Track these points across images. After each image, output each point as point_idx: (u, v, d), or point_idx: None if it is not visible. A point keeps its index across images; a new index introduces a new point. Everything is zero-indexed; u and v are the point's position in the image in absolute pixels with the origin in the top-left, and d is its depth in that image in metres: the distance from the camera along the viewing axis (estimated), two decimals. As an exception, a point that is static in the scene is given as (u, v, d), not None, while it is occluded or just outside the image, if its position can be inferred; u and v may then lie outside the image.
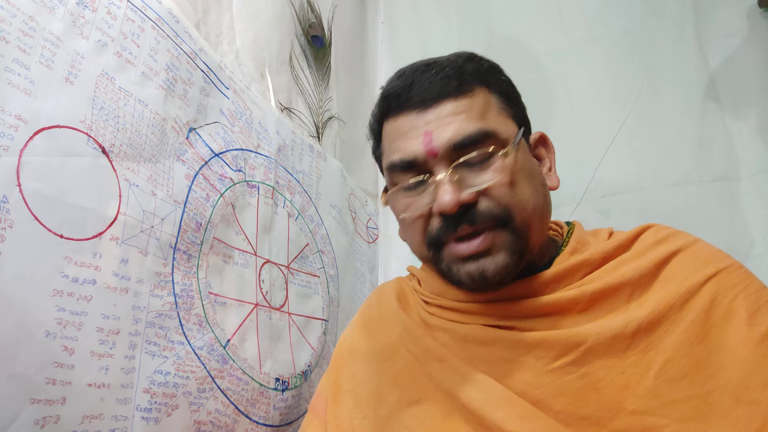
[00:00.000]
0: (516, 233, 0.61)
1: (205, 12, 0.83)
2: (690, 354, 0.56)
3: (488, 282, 0.60)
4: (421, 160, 0.62)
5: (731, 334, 0.56)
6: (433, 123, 0.62)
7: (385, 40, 1.53)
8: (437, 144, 0.61)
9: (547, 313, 0.62)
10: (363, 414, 0.67)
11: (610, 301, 0.61)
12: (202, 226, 0.72)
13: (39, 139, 0.52)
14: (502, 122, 0.64)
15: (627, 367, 0.57)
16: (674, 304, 0.59)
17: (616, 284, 0.61)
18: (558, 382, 0.58)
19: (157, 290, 0.63)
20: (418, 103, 0.64)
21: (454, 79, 0.65)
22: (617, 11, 1.24)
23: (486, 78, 0.67)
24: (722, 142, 1.10)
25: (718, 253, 0.63)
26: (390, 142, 0.67)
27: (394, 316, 0.73)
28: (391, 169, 0.66)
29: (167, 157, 0.68)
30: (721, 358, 0.55)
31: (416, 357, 0.67)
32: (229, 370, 0.72)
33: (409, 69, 0.69)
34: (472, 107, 0.63)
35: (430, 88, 0.64)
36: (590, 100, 1.22)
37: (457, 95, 0.63)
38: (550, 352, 0.59)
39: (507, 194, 0.61)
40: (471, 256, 0.60)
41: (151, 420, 0.60)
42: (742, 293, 0.58)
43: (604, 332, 0.58)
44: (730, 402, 0.53)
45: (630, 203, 1.14)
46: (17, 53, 0.51)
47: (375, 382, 0.68)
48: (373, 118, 0.73)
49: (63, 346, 0.51)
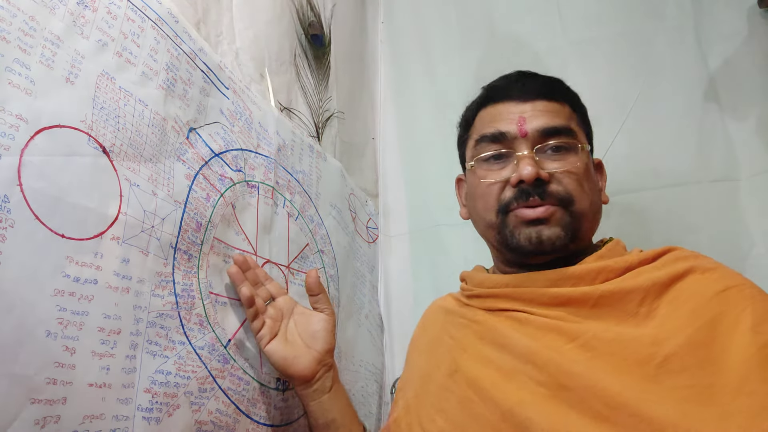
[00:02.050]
0: (573, 216, 0.72)
1: (205, 12, 0.83)
2: (694, 354, 0.58)
3: (542, 246, 0.71)
4: (510, 137, 0.75)
5: (735, 340, 0.58)
6: (528, 112, 0.75)
7: (385, 40, 1.53)
8: (529, 127, 0.74)
9: (562, 303, 0.70)
10: (415, 393, 0.78)
11: (620, 304, 0.66)
12: (203, 226, 0.72)
13: (40, 139, 0.52)
14: (580, 132, 0.78)
15: (630, 354, 0.61)
16: (681, 316, 0.61)
17: (628, 288, 0.66)
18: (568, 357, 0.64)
19: (158, 290, 0.63)
20: (518, 96, 0.77)
21: (549, 86, 0.79)
22: (617, 11, 1.24)
23: (572, 98, 0.81)
24: (722, 142, 1.10)
25: (733, 274, 0.66)
26: (484, 123, 0.80)
27: (440, 315, 0.86)
28: (480, 140, 0.78)
29: (168, 157, 0.68)
30: (724, 360, 0.57)
31: (455, 340, 0.78)
32: (230, 369, 0.72)
33: (516, 72, 0.83)
34: (560, 111, 0.77)
35: (531, 87, 0.78)
36: (590, 100, 1.22)
37: (550, 99, 0.77)
38: (562, 337, 0.66)
39: (573, 184, 0.73)
40: (532, 221, 0.71)
41: (152, 420, 0.60)
42: (750, 306, 0.60)
43: (609, 331, 0.64)
44: (730, 394, 0.54)
45: (630, 203, 1.14)
46: (18, 53, 0.51)
47: (423, 367, 0.81)
48: (470, 107, 0.87)
49: (64, 345, 0.51)
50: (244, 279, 0.75)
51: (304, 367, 0.75)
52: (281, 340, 0.76)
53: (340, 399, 0.79)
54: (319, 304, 0.81)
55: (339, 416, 0.78)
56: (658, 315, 0.63)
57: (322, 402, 0.77)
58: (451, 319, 0.82)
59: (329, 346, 0.78)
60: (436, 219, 1.32)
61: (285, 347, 0.75)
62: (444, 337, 0.80)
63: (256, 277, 0.78)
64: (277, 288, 0.81)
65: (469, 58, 1.35)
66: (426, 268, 1.31)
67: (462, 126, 0.88)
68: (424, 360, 0.82)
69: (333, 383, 0.78)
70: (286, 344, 0.76)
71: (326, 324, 0.79)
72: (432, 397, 0.74)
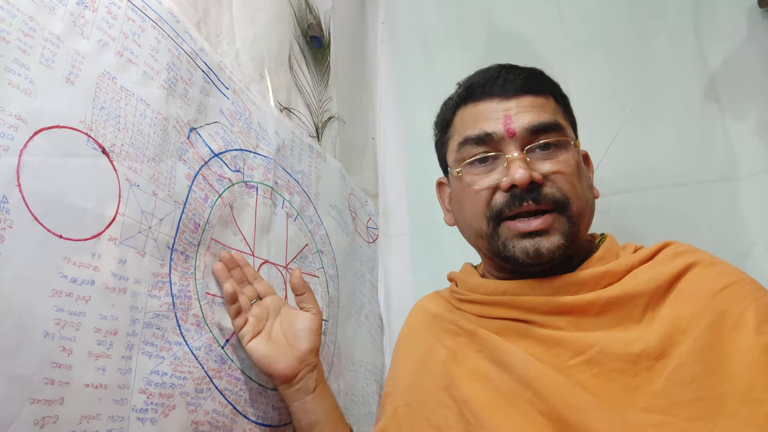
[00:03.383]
0: (570, 221, 0.68)
1: (205, 12, 0.83)
2: (700, 360, 0.57)
3: (541, 259, 0.67)
4: (497, 138, 0.70)
5: (740, 341, 0.57)
6: (513, 109, 0.70)
7: (385, 40, 1.53)
8: (516, 126, 0.69)
9: (565, 312, 0.66)
10: (406, 401, 0.75)
11: (625, 310, 0.64)
12: (200, 227, 0.72)
13: (39, 139, 0.52)
14: (567, 126, 0.74)
15: (639, 371, 0.59)
16: (685, 317, 0.60)
17: (631, 293, 0.64)
18: (572, 379, 0.61)
19: (154, 291, 0.63)
20: (501, 93, 0.72)
21: (533, 79, 0.74)
22: (617, 11, 1.23)
23: (554, 89, 0.77)
24: (722, 142, 1.10)
25: (733, 269, 0.65)
26: (466, 123, 0.74)
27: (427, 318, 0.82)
28: (464, 142, 0.73)
29: (170, 157, 0.68)
30: (731, 364, 0.56)
31: (448, 350, 0.74)
32: (227, 370, 0.72)
33: (493, 66, 0.77)
34: (546, 105, 0.72)
35: (513, 81, 0.72)
36: (590, 100, 1.22)
37: (535, 93, 0.72)
38: (567, 351, 0.63)
39: (568, 184, 0.69)
40: (528, 234, 0.67)
41: (147, 420, 0.60)
42: (752, 305, 0.59)
43: (616, 342, 0.62)
44: (738, 404, 0.54)
45: (630, 203, 1.14)
46: (17, 53, 0.51)
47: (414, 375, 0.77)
48: (447, 106, 0.81)
49: (61, 346, 0.51)
50: (228, 276, 0.74)
51: (285, 366, 0.73)
52: (264, 339, 0.74)
53: (324, 400, 0.77)
54: (304, 303, 0.80)
55: (323, 418, 0.76)
56: (662, 318, 0.62)
57: (305, 402, 0.75)
58: (442, 325, 0.78)
59: (313, 346, 0.76)
60: (436, 219, 1.32)
61: (267, 346, 0.74)
62: (436, 346, 0.76)
63: (243, 276, 0.77)
64: (265, 287, 0.79)
65: (469, 58, 1.35)
66: (426, 268, 1.31)
67: (440, 126, 0.82)
68: (414, 367, 0.78)
69: (317, 384, 0.76)
70: (268, 343, 0.74)
71: (311, 323, 0.77)
72: (426, 410, 0.71)
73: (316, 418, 0.75)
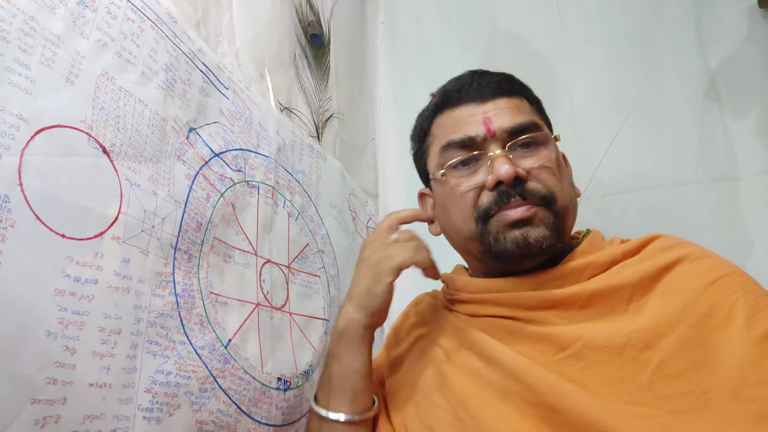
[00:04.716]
0: (556, 215, 0.69)
1: (205, 12, 0.83)
2: (688, 354, 0.57)
3: (531, 248, 0.67)
4: (479, 140, 0.71)
5: (730, 335, 0.57)
6: (490, 112, 0.72)
7: (385, 40, 1.53)
8: (495, 126, 0.70)
9: (550, 306, 0.67)
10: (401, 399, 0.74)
11: (609, 302, 0.64)
12: (203, 226, 0.72)
13: (40, 139, 0.52)
14: (543, 125, 0.75)
15: (624, 362, 0.59)
16: (673, 311, 0.60)
17: (615, 285, 0.65)
18: (559, 373, 0.61)
19: (158, 290, 0.63)
20: (477, 97, 0.73)
21: (506, 82, 0.76)
22: (617, 11, 1.24)
23: (527, 92, 0.78)
24: (722, 142, 1.10)
25: (722, 262, 0.65)
26: (446, 129, 0.75)
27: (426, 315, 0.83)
28: (447, 147, 0.74)
29: (168, 157, 0.68)
30: (719, 359, 0.56)
31: (441, 348, 0.74)
32: (230, 369, 0.72)
33: (466, 73, 0.79)
34: (522, 106, 0.74)
35: (488, 85, 0.74)
36: (590, 100, 1.22)
37: (510, 95, 0.74)
38: (552, 346, 0.64)
39: (551, 179, 0.70)
40: (516, 223, 0.67)
41: (153, 420, 0.60)
42: (742, 298, 0.59)
43: (600, 334, 0.62)
44: (726, 399, 0.54)
45: (630, 203, 1.14)
46: (18, 53, 0.51)
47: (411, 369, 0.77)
48: (423, 116, 0.82)
49: (64, 346, 0.51)
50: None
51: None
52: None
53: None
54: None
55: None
56: (649, 310, 0.62)
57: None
58: (436, 323, 0.79)
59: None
60: (436, 219, 1.32)
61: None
62: (431, 345, 0.77)
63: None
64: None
65: (469, 58, 1.35)
66: (426, 268, 1.31)
67: (418, 138, 0.83)
68: (409, 361, 0.78)
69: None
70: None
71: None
72: (420, 410, 0.70)
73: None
